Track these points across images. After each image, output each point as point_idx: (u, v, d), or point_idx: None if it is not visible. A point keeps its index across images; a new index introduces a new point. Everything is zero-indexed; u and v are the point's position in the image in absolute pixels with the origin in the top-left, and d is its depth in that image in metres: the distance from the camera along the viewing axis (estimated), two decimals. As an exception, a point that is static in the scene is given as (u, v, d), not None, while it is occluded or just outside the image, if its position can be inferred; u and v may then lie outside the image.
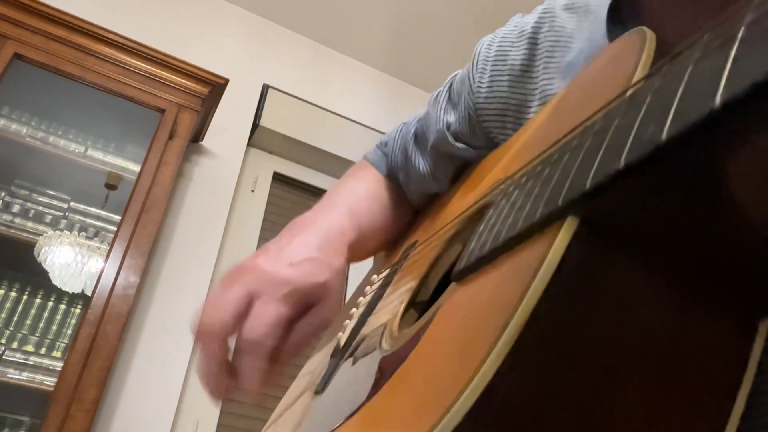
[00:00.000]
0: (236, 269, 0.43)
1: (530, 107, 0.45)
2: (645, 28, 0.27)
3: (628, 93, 0.22)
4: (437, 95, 0.57)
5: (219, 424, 1.78)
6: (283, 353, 0.41)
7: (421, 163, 0.57)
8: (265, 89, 2.25)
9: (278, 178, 2.25)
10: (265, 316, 0.39)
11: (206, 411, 1.77)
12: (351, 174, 0.63)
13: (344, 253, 0.48)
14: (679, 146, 0.16)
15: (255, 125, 2.18)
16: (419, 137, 0.59)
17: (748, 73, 0.14)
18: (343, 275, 0.47)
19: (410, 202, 0.62)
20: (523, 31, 0.48)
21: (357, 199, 0.57)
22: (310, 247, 0.45)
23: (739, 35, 0.15)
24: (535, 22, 0.47)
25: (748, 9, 0.16)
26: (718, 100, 0.14)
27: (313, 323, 0.43)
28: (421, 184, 0.59)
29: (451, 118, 0.53)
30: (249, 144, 2.21)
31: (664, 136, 0.16)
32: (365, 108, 2.44)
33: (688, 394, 0.20)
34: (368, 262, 0.65)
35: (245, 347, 0.39)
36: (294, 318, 0.42)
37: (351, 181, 0.61)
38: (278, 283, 0.41)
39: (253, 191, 2.17)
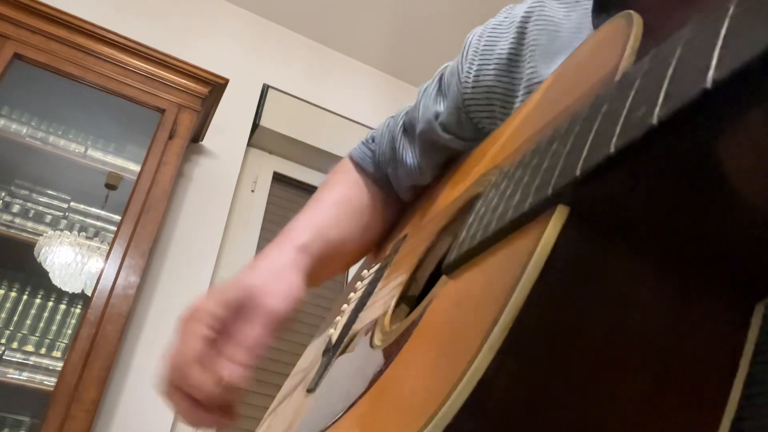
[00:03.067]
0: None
1: (516, 95, 0.45)
2: (631, 11, 0.27)
3: (617, 77, 0.21)
4: (426, 86, 0.57)
5: (219, 425, 1.78)
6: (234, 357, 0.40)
7: (408, 156, 0.57)
8: (265, 89, 2.25)
9: (278, 178, 2.25)
10: (183, 350, 0.41)
11: (206, 411, 1.77)
12: (328, 183, 0.63)
13: (296, 277, 0.47)
14: (672, 128, 0.16)
15: (255, 125, 2.18)
16: (407, 129, 0.59)
17: (740, 51, 0.13)
18: (278, 278, 0.45)
19: (399, 195, 0.62)
20: (512, 22, 0.48)
21: (325, 215, 0.56)
22: (240, 278, 0.45)
23: (729, 12, 0.15)
24: (525, 12, 0.47)
25: None
26: (709, 79, 0.14)
27: (252, 319, 0.42)
28: (409, 176, 0.59)
29: (440, 108, 0.53)
30: (249, 144, 2.20)
31: (655, 118, 0.15)
32: (365, 108, 2.44)
33: (684, 380, 0.20)
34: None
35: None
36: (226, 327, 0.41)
37: (324, 192, 0.60)
38: (198, 311, 0.42)
39: (253, 191, 2.17)
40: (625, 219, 0.19)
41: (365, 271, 0.59)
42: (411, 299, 0.40)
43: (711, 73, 0.14)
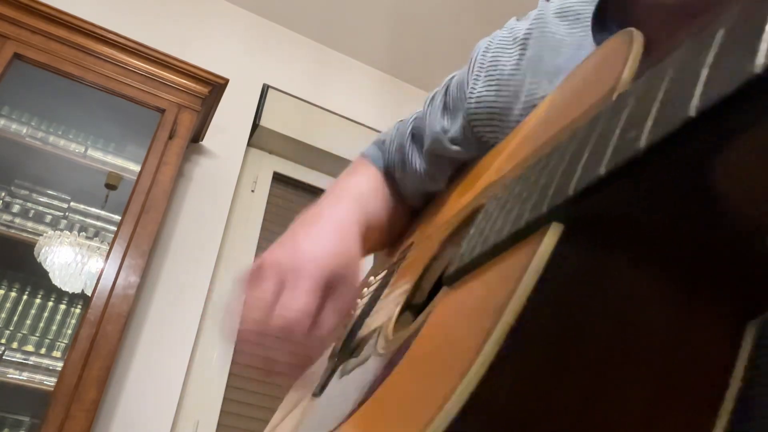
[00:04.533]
0: (257, 267, 0.44)
1: (516, 111, 0.45)
2: (633, 29, 0.27)
3: (614, 96, 0.22)
4: (434, 96, 0.57)
5: (219, 424, 1.78)
6: (310, 340, 0.42)
7: (417, 163, 0.58)
8: (265, 89, 2.25)
9: (278, 178, 2.25)
10: (294, 303, 0.41)
11: (206, 411, 1.78)
12: (351, 171, 0.63)
13: (358, 242, 0.49)
14: (659, 153, 0.16)
15: (255, 125, 2.19)
16: (416, 137, 0.59)
17: (723, 82, 0.14)
18: (360, 263, 0.48)
19: (407, 201, 0.62)
20: (516, 38, 0.48)
21: (361, 192, 0.57)
22: (326, 238, 0.46)
23: (717, 38, 0.15)
24: (527, 28, 0.48)
25: (727, 14, 0.16)
26: (693, 107, 0.14)
27: (337, 308, 0.44)
28: (418, 184, 0.59)
29: (446, 122, 0.53)
30: (249, 144, 2.21)
31: (642, 143, 0.16)
32: (365, 108, 2.44)
33: (675, 397, 0.20)
34: (367, 263, 0.65)
35: (276, 333, 0.41)
36: (319, 306, 0.43)
37: (352, 177, 0.61)
38: (303, 275, 0.42)
39: (253, 191, 2.17)
40: (619, 236, 0.20)
41: (372, 278, 0.60)
42: (415, 307, 0.41)
43: (695, 102, 0.15)
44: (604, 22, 0.38)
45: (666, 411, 0.20)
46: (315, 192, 2.21)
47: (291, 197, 2.24)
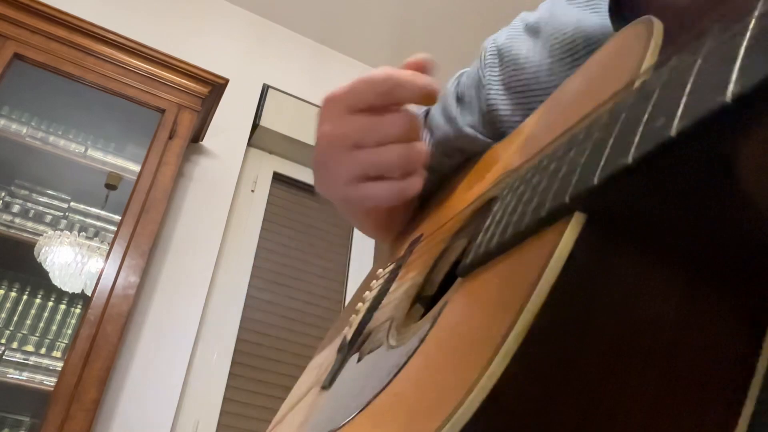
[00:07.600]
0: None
1: (546, 91, 0.46)
2: (652, 17, 0.27)
3: (636, 85, 0.22)
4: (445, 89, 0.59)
5: (219, 424, 1.78)
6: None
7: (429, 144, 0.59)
8: (265, 89, 2.25)
9: (278, 178, 2.25)
10: None
11: (206, 411, 1.77)
12: None
13: None
14: (689, 141, 0.16)
15: (255, 125, 2.18)
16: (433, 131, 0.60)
17: (760, 67, 0.14)
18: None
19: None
20: (527, 24, 0.49)
21: None
22: None
23: (750, 27, 0.15)
24: (538, 16, 0.48)
25: (758, 1, 0.16)
26: (729, 93, 0.14)
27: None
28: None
29: (461, 114, 0.54)
30: (249, 144, 2.21)
31: (673, 131, 0.16)
32: (365, 108, 2.44)
33: (697, 391, 0.20)
34: (370, 260, 0.64)
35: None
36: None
37: None
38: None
39: (253, 191, 2.17)
40: (643, 226, 0.20)
41: (380, 270, 0.59)
42: (426, 299, 0.41)
43: (731, 87, 0.15)
44: (619, 8, 0.38)
45: (684, 406, 0.20)
46: (315, 192, 2.20)
47: (291, 197, 2.23)
